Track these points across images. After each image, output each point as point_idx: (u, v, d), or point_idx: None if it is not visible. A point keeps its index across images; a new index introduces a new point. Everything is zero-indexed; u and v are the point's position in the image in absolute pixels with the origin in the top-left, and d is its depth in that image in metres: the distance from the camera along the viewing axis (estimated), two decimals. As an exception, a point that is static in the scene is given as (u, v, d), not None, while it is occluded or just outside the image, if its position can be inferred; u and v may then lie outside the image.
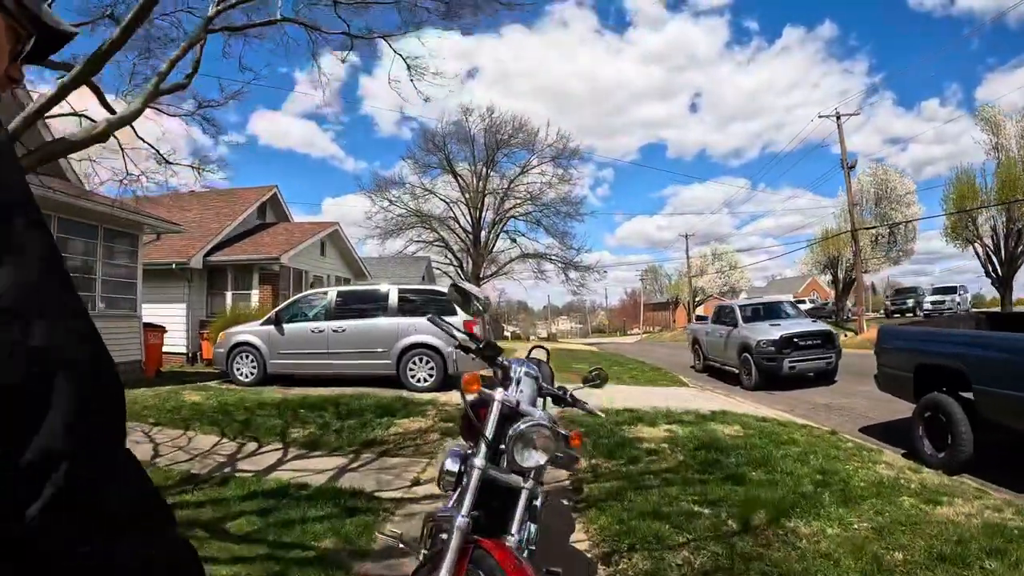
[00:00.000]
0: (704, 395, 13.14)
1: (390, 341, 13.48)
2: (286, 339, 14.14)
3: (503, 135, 49.85)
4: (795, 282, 79.34)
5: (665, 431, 8.44)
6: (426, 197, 51.28)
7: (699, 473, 6.22)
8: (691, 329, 23.06)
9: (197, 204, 25.80)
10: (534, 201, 50.93)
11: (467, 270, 51.08)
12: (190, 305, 21.48)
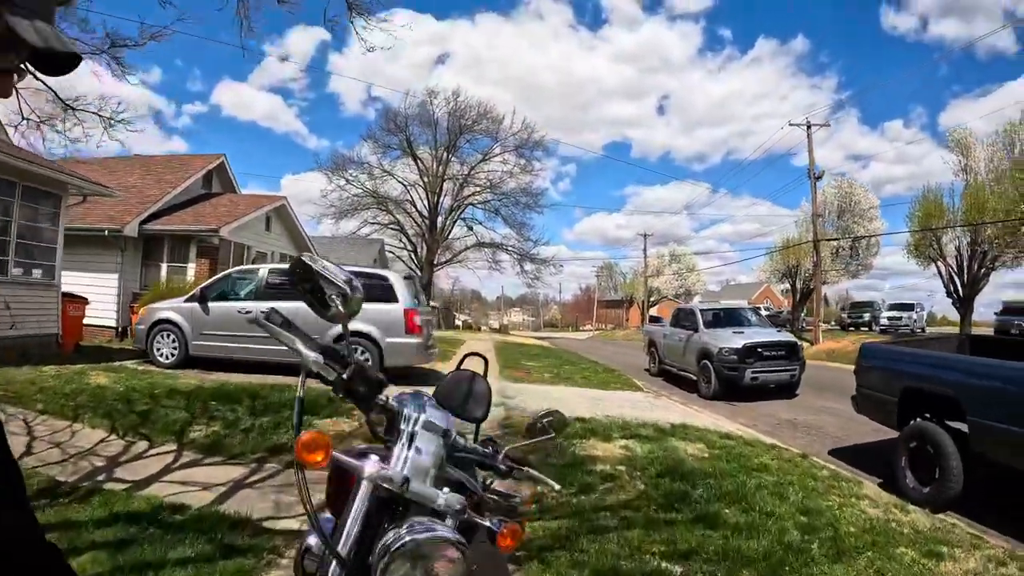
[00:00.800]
0: (661, 403, 12.23)
1: (323, 328, 12.18)
2: (211, 319, 12.87)
3: (467, 120, 49.28)
4: (750, 288, 79.53)
5: (621, 448, 7.48)
6: (384, 178, 50.57)
7: (664, 510, 5.24)
8: (647, 330, 22.03)
9: (139, 169, 24.63)
10: (494, 190, 50.44)
11: (421, 255, 50.43)
12: (122, 276, 20.00)
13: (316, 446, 1.57)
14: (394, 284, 12.52)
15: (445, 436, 1.76)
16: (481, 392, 2.88)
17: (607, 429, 8.40)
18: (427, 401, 1.83)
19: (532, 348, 28.06)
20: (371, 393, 1.69)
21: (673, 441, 7.93)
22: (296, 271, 1.69)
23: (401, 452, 1.68)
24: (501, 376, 15.01)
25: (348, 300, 1.66)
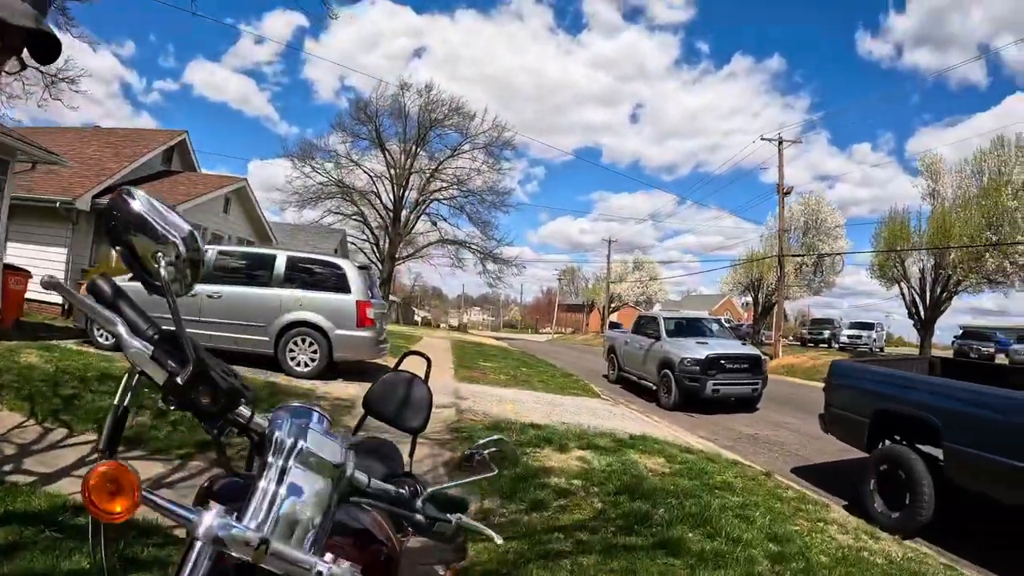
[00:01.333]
0: (619, 411, 11.83)
1: (271, 315, 11.69)
2: (153, 299, 12.13)
3: (438, 115, 48.66)
4: (711, 300, 79.66)
5: (578, 460, 7.00)
6: (350, 168, 49.75)
7: (623, 532, 4.75)
8: (608, 336, 21.63)
9: (98, 141, 23.82)
10: (460, 186, 49.89)
11: (383, 248, 49.79)
12: (72, 250, 19.00)
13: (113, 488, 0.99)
14: (347, 273, 11.97)
15: (336, 473, 1.20)
16: (420, 398, 2.45)
17: (563, 438, 7.93)
18: (313, 420, 1.24)
19: (490, 348, 27.59)
20: (221, 406, 1.15)
21: (632, 454, 7.48)
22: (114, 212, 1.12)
23: (265, 496, 1.13)
24: (456, 376, 14.54)
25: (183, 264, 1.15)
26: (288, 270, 12.06)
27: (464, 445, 7.30)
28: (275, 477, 1.14)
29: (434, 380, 9.96)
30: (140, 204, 1.11)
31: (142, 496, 1.01)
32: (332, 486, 1.19)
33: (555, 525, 4.80)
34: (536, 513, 5.10)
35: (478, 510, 5.12)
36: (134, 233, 1.11)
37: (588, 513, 5.18)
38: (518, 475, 6.01)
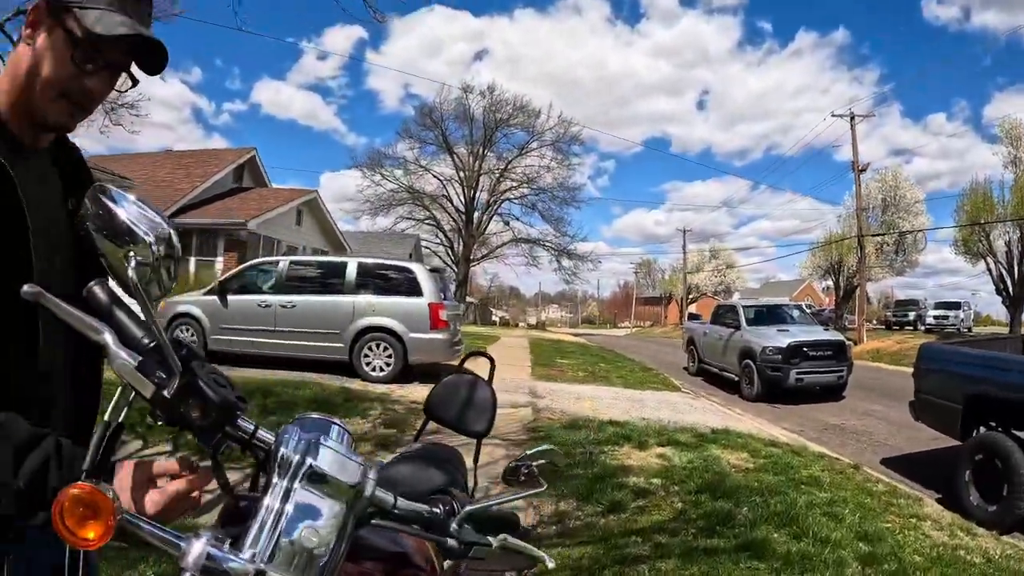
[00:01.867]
0: (700, 404, 11.53)
1: (344, 322, 11.79)
2: (230, 312, 12.42)
3: (503, 114, 48.80)
4: (790, 286, 77.84)
5: (658, 457, 6.79)
6: (420, 174, 50.31)
7: (705, 534, 4.53)
8: (687, 328, 21.07)
9: (169, 163, 24.72)
10: (530, 184, 50.02)
11: (457, 251, 50.15)
12: None
13: (88, 512, 0.88)
14: (419, 277, 11.99)
15: (351, 494, 1.05)
16: (483, 400, 2.29)
17: (642, 434, 7.73)
18: (331, 435, 1.09)
19: (568, 345, 27.32)
20: (212, 420, 1.03)
21: (714, 449, 7.23)
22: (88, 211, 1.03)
23: (266, 521, 0.99)
24: (533, 374, 14.40)
25: (157, 265, 1.02)
26: (360, 276, 12.14)
27: (541, 444, 7.17)
28: (279, 499, 1.01)
29: (511, 379, 9.89)
30: (107, 199, 1.02)
31: (122, 521, 0.90)
32: (347, 508, 1.06)
33: (633, 528, 4.61)
34: (613, 515, 4.92)
35: (553, 513, 4.98)
36: (103, 232, 1.02)
37: (668, 514, 4.98)
38: (596, 475, 5.87)
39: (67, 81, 1.26)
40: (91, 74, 1.28)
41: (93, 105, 1.34)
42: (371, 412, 8.45)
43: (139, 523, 0.93)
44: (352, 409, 8.57)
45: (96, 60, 1.27)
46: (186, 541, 0.93)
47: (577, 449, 6.85)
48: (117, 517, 0.89)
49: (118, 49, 1.28)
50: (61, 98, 1.27)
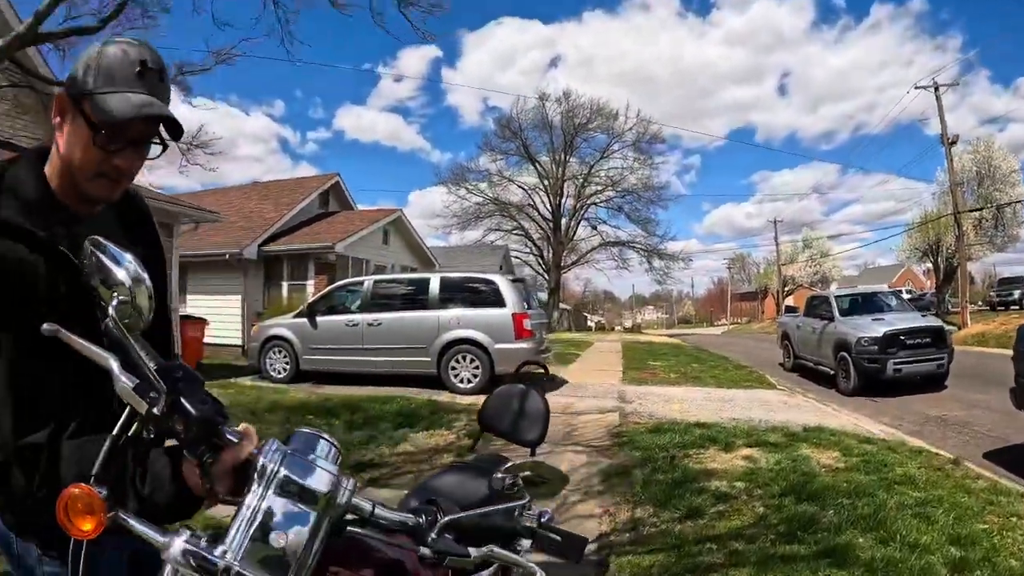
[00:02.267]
0: (795, 402, 11.16)
1: (430, 336, 11.96)
2: (319, 333, 12.79)
3: (581, 119, 48.76)
4: (889, 271, 75.04)
5: (743, 459, 6.58)
6: (504, 185, 50.67)
7: (784, 540, 4.31)
8: (781, 322, 20.33)
9: (257, 194, 25.62)
10: (615, 187, 49.74)
11: (548, 259, 50.19)
12: (246, 296, 20.68)
13: (77, 508, 1.09)
14: (501, 287, 12.08)
15: (324, 502, 1.17)
16: (535, 410, 2.32)
17: (730, 436, 7.52)
18: (313, 448, 1.23)
19: (661, 347, 26.96)
20: (194, 434, 1.18)
21: (804, 449, 6.96)
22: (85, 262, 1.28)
23: (242, 523, 1.13)
24: (624, 378, 14.24)
25: (132, 300, 1.23)
26: (443, 291, 12.32)
27: (625, 450, 7.09)
28: (253, 504, 1.15)
29: (600, 384, 9.84)
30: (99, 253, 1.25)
31: (115, 517, 1.10)
32: (319, 515, 1.17)
33: (709, 534, 4.45)
34: (690, 521, 4.77)
35: (628, 520, 4.86)
36: (95, 278, 1.25)
37: (748, 519, 4.79)
38: (675, 480, 5.72)
39: (97, 164, 1.42)
40: (117, 153, 1.42)
41: (128, 177, 1.50)
42: (456, 423, 8.50)
43: (128, 520, 1.11)
44: (438, 421, 8.65)
45: (117, 140, 1.41)
46: (168, 537, 1.09)
47: (659, 454, 6.71)
48: (108, 515, 1.09)
49: (136, 126, 1.41)
50: (97, 177, 1.44)
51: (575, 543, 2.15)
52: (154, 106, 1.40)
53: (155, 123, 1.46)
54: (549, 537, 2.10)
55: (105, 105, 1.37)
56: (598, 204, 51.06)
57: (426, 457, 6.91)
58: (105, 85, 1.38)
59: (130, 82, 1.39)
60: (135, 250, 1.45)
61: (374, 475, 6.30)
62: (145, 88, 1.40)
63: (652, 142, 49.17)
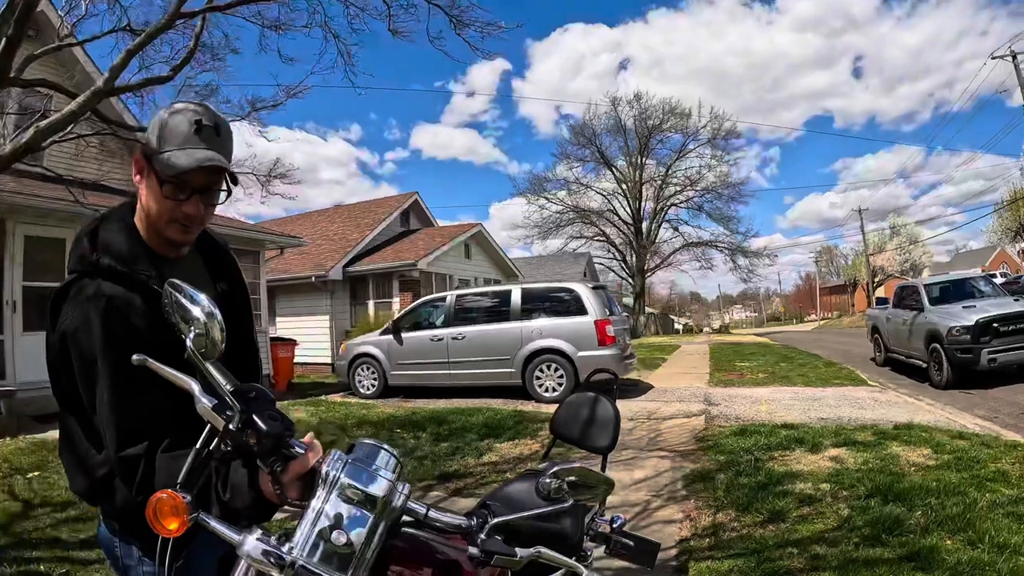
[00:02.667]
0: (886, 398, 10.84)
1: (514, 347, 12.12)
2: (405, 349, 13.11)
3: (654, 121, 48.36)
4: (982, 254, 71.55)
5: (830, 460, 6.45)
6: (582, 192, 50.60)
7: (868, 543, 4.21)
8: (870, 315, 19.38)
9: (339, 217, 26.31)
10: (693, 186, 49.16)
11: (631, 263, 49.87)
12: (333, 316, 21.34)
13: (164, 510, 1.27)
14: (582, 295, 12.16)
15: (380, 505, 1.35)
16: (605, 417, 2.38)
17: (817, 436, 7.38)
18: (373, 458, 1.41)
19: (749, 347, 26.47)
20: (266, 446, 1.34)
21: (894, 447, 6.77)
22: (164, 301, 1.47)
23: (307, 523, 1.32)
24: (711, 381, 14.09)
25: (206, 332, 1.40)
26: (524, 302, 12.46)
27: (710, 454, 7.06)
28: (318, 507, 1.33)
29: (687, 388, 9.87)
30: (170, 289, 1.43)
31: (197, 518, 1.28)
32: (376, 517, 1.34)
33: (791, 538, 4.40)
34: (772, 525, 4.72)
35: (709, 525, 4.85)
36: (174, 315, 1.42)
37: (831, 522, 4.70)
38: (759, 483, 5.67)
39: (170, 212, 1.66)
40: (184, 201, 1.65)
41: (198, 222, 1.72)
42: (541, 432, 8.59)
43: (208, 520, 1.30)
44: (522, 431, 8.77)
45: (184, 190, 1.63)
46: (242, 535, 1.29)
47: (744, 457, 6.67)
48: (191, 516, 1.27)
49: (198, 177, 1.62)
50: (172, 223, 1.67)
51: (648, 548, 2.24)
52: (210, 158, 1.59)
53: (215, 172, 1.65)
54: (622, 542, 2.20)
55: (169, 161, 1.58)
56: (678, 205, 50.52)
57: (510, 466, 7.01)
58: (169, 144, 1.60)
59: (189, 140, 1.60)
60: (219, 286, 1.90)
61: (459, 485, 6.44)
62: (203, 143, 1.60)
63: (728, 138, 48.39)
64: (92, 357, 1.56)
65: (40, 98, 10.26)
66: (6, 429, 9.17)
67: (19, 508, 5.82)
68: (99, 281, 1.61)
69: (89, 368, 1.57)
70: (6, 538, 5.06)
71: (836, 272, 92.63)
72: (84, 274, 1.65)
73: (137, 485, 1.52)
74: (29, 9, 4.64)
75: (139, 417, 1.54)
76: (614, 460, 6.97)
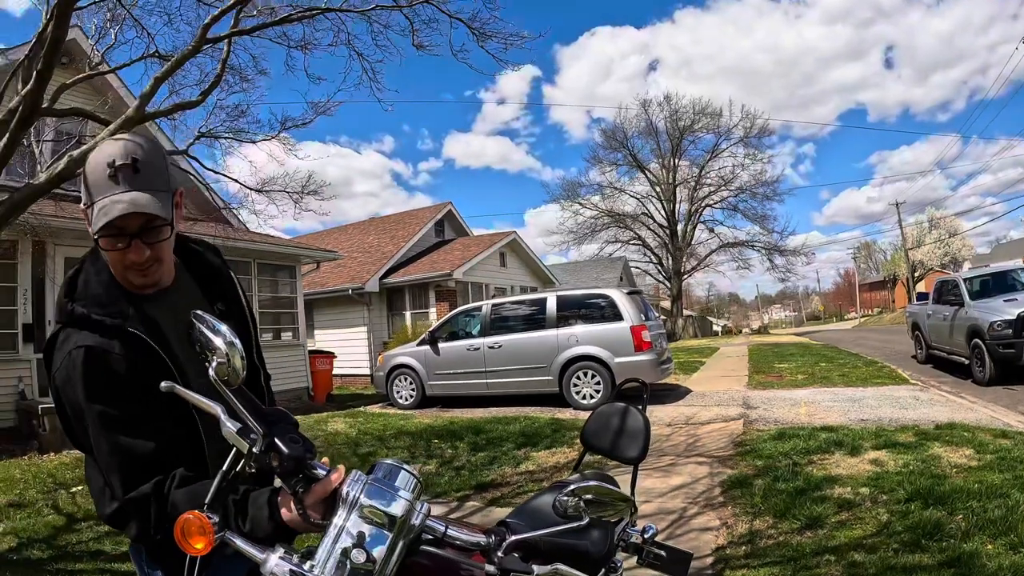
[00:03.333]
0: (927, 396, 10.65)
1: (550, 355, 12.14)
2: (442, 359, 13.21)
3: (685, 122, 48.08)
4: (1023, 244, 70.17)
5: (870, 463, 6.36)
6: (616, 196, 50.44)
7: (907, 549, 4.13)
8: (910, 311, 19.03)
9: (374, 229, 26.53)
10: (727, 186, 48.76)
11: (667, 266, 49.60)
12: (371, 328, 21.46)
13: (191, 530, 1.33)
14: (617, 301, 12.14)
15: (398, 524, 1.37)
16: (635, 427, 2.39)
17: (856, 438, 7.29)
18: (393, 478, 1.43)
19: (788, 347, 26.13)
20: (288, 467, 1.40)
21: (936, 448, 6.66)
22: (189, 331, 1.53)
23: (328, 542, 1.35)
24: (749, 384, 13.97)
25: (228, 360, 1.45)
26: (560, 309, 12.49)
27: (748, 459, 7.01)
28: (338, 525, 1.35)
29: (725, 391, 9.81)
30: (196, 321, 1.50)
31: (223, 537, 1.34)
32: (396, 536, 1.37)
33: (828, 545, 4.35)
34: (810, 532, 4.67)
35: (745, 533, 4.83)
36: (199, 343, 1.49)
37: (870, 528, 4.63)
38: (797, 489, 5.63)
39: (116, 262, 1.64)
40: (125, 249, 1.60)
41: (151, 264, 1.66)
42: (578, 440, 8.57)
43: (234, 539, 1.35)
44: (560, 439, 8.78)
45: (121, 239, 1.58)
46: (266, 553, 1.33)
47: (782, 461, 6.62)
48: (217, 535, 1.33)
49: (129, 221, 1.55)
50: (126, 270, 1.65)
51: (680, 558, 2.25)
52: (126, 207, 1.53)
53: (139, 218, 1.57)
54: (654, 552, 2.21)
55: (93, 216, 1.55)
56: (712, 206, 50.12)
57: (547, 475, 7.04)
58: (92, 195, 1.56)
59: (106, 187, 1.55)
60: (216, 307, 1.89)
61: (495, 495, 6.49)
62: (121, 186, 1.54)
63: (760, 136, 47.95)
64: (80, 408, 1.59)
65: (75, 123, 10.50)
66: (50, 445, 9.42)
67: (63, 522, 5.99)
68: (76, 331, 1.62)
69: (80, 417, 1.60)
70: (50, 551, 5.21)
71: (875, 268, 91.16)
72: (65, 324, 1.66)
73: (154, 524, 1.56)
74: (56, 44, 4.78)
75: (137, 458, 1.57)
76: (651, 467, 6.96)
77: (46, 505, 6.52)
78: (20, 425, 10.36)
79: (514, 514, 2.08)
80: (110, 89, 12.15)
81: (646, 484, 6.32)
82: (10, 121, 5.23)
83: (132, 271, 1.65)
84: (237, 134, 9.11)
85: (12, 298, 10.83)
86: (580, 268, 44.00)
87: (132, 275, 1.66)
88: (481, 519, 5.63)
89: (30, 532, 5.64)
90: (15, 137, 5.19)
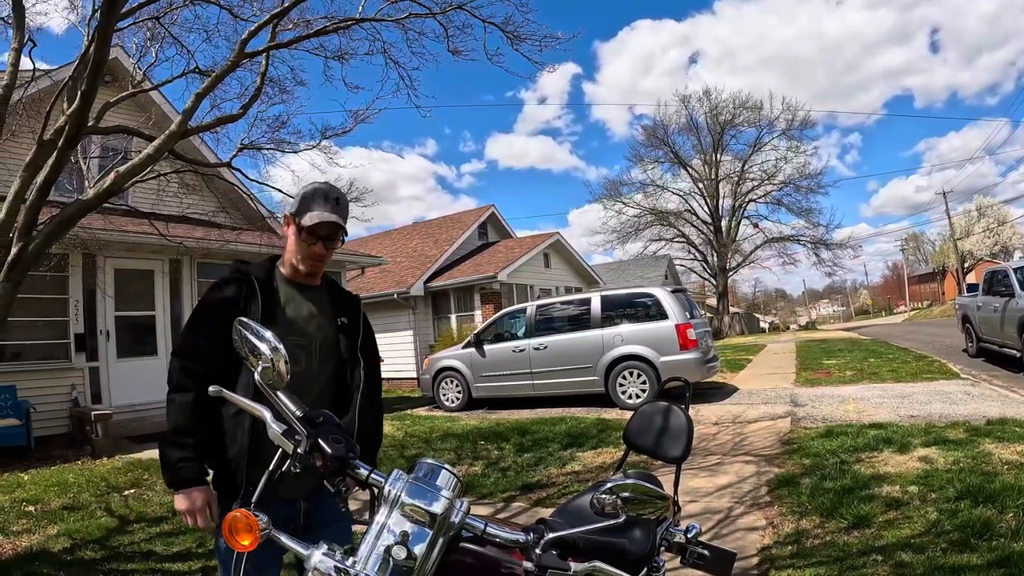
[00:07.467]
0: (978, 391, 10.47)
1: (595, 355, 12.16)
2: (487, 361, 13.30)
3: (726, 116, 47.60)
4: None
5: (919, 460, 6.28)
6: (659, 194, 50.09)
7: (955, 549, 4.07)
8: (959, 303, 18.55)
9: (417, 234, 26.80)
10: (771, 180, 48.09)
11: (712, 263, 49.20)
12: (416, 331, 21.70)
13: (239, 527, 1.43)
14: (662, 300, 12.11)
15: (438, 521, 1.44)
16: (678, 426, 2.43)
17: (906, 435, 7.22)
18: (434, 476, 1.51)
19: (836, 343, 25.66)
20: (332, 467, 1.51)
21: (987, 444, 6.55)
22: (234, 338, 1.65)
23: (371, 539, 1.43)
24: (797, 381, 13.83)
25: (273, 365, 1.56)
26: (604, 309, 12.51)
27: (795, 458, 6.98)
28: (380, 522, 1.44)
29: (772, 389, 9.77)
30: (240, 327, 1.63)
31: (269, 534, 1.43)
32: (436, 533, 1.43)
33: (875, 545, 4.32)
34: (857, 531, 4.65)
35: (792, 532, 4.83)
36: (244, 350, 1.62)
37: (918, 527, 4.58)
38: (844, 487, 5.59)
39: (304, 251, 2.41)
40: (313, 244, 2.38)
41: (323, 259, 2.44)
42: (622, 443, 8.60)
43: (279, 537, 1.46)
44: (606, 439, 8.81)
45: (313, 237, 2.36)
46: (310, 550, 1.42)
47: (830, 460, 6.58)
48: (263, 532, 1.43)
49: (324, 228, 2.35)
50: (306, 259, 2.42)
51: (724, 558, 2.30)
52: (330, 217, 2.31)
53: (334, 227, 2.35)
54: (698, 552, 2.26)
55: (303, 218, 2.33)
56: (756, 200, 49.53)
57: (593, 476, 7.07)
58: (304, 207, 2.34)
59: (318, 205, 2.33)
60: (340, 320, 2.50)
61: (541, 495, 6.54)
62: (326, 207, 2.32)
63: (803, 128, 47.24)
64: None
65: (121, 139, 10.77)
66: (103, 450, 9.69)
67: (115, 524, 6.17)
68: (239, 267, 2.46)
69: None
70: (103, 551, 5.38)
71: (924, 260, 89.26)
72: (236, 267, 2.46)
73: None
74: (99, 66, 4.92)
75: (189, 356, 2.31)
76: (698, 466, 6.95)
77: (99, 508, 6.72)
78: (74, 431, 10.72)
79: (555, 513, 2.14)
80: (153, 105, 12.42)
81: (692, 484, 6.33)
82: (57, 140, 5.39)
83: (310, 260, 2.42)
84: (279, 144, 9.28)
85: (64, 309, 11.17)
86: (624, 267, 43.85)
87: (307, 263, 2.43)
88: (527, 520, 5.68)
89: (83, 534, 5.83)
90: (63, 155, 5.35)
